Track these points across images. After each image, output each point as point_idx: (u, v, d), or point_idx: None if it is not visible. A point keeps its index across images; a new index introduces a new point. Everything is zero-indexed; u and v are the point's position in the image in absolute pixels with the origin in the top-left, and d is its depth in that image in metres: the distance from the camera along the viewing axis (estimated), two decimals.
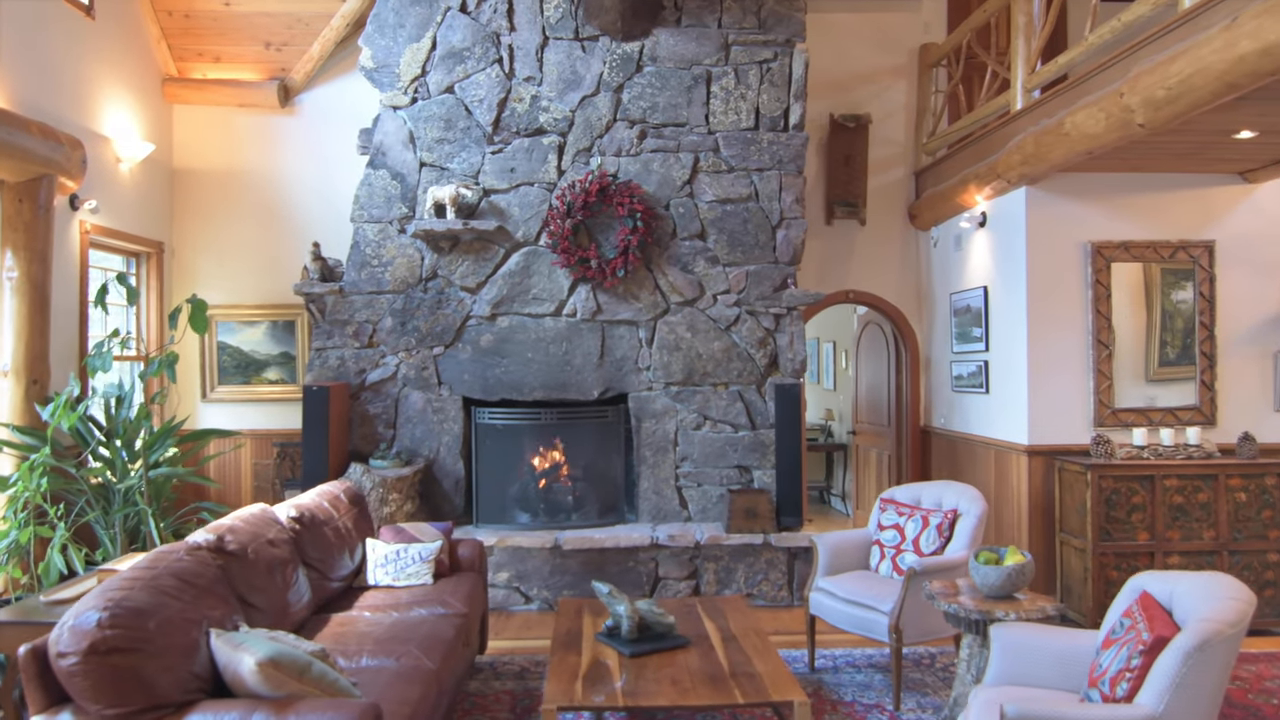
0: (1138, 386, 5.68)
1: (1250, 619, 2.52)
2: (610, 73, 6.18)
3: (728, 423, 6.22)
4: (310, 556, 4.03)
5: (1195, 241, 5.67)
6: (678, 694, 3.26)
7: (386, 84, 6.16)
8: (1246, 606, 2.52)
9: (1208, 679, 2.39)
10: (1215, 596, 2.59)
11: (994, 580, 3.61)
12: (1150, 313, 5.71)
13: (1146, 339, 5.71)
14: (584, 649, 3.76)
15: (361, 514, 4.67)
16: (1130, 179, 5.65)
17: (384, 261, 6.13)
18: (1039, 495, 5.62)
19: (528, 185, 6.16)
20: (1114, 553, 5.22)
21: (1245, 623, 2.47)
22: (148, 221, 6.51)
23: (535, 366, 6.15)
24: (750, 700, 3.21)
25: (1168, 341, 5.74)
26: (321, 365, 6.11)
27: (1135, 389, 5.67)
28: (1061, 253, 5.65)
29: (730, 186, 6.21)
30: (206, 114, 6.90)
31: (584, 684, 3.35)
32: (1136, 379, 5.68)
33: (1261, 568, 5.24)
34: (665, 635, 3.81)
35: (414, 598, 4.13)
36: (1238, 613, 2.47)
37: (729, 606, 4.38)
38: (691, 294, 6.20)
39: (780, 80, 6.25)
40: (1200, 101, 3.95)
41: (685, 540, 5.78)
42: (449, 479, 6.13)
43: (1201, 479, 5.24)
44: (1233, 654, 2.47)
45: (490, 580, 5.78)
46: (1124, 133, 4.47)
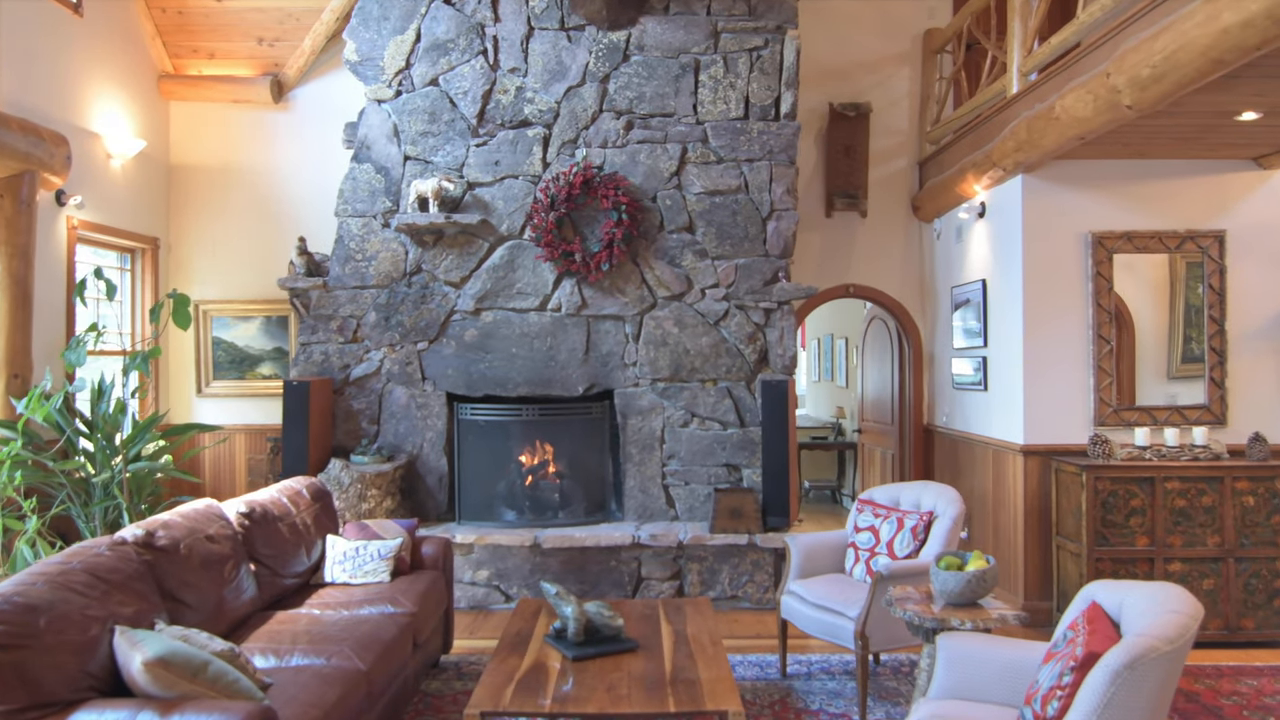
0: (1160, 384, 5.40)
1: (1194, 634, 2.32)
2: (596, 63, 6.06)
3: (716, 420, 6.07)
4: (260, 553, 3.98)
5: (1205, 231, 5.38)
6: (610, 701, 3.14)
7: (371, 77, 6.12)
8: (1189, 621, 2.32)
9: (1140, 699, 2.20)
10: (1158, 610, 2.40)
11: (953, 586, 3.43)
12: (1173, 307, 5.43)
13: (1169, 334, 5.44)
14: (529, 651, 3.65)
15: (324, 510, 4.62)
16: (1134, 166, 5.38)
17: (368, 256, 6.09)
18: (1035, 497, 5.38)
19: (512, 178, 6.07)
20: (1110, 558, 4.97)
21: (1186, 639, 2.27)
22: (142, 217, 6.55)
23: (519, 362, 6.06)
24: (683, 709, 3.07)
25: (1192, 337, 5.46)
26: (306, 360, 6.09)
27: (1158, 387, 5.39)
28: (1060, 244, 5.40)
29: (719, 178, 6.05)
30: (203, 110, 6.93)
31: (516, 688, 3.25)
32: (1158, 376, 5.41)
33: (1270, 576, 4.95)
34: (613, 638, 3.69)
35: (367, 596, 4.06)
36: (1178, 628, 2.27)
37: (691, 609, 4.25)
38: (679, 288, 6.06)
39: (771, 68, 6.07)
40: (1186, 80, 3.71)
41: (668, 540, 5.65)
42: (433, 475, 6.07)
43: (1206, 481, 4.96)
44: (1171, 673, 2.27)
45: (470, 579, 5.71)
46: (1112, 115, 4.23)
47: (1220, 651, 4.87)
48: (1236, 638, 4.93)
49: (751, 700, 4.21)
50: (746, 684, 4.41)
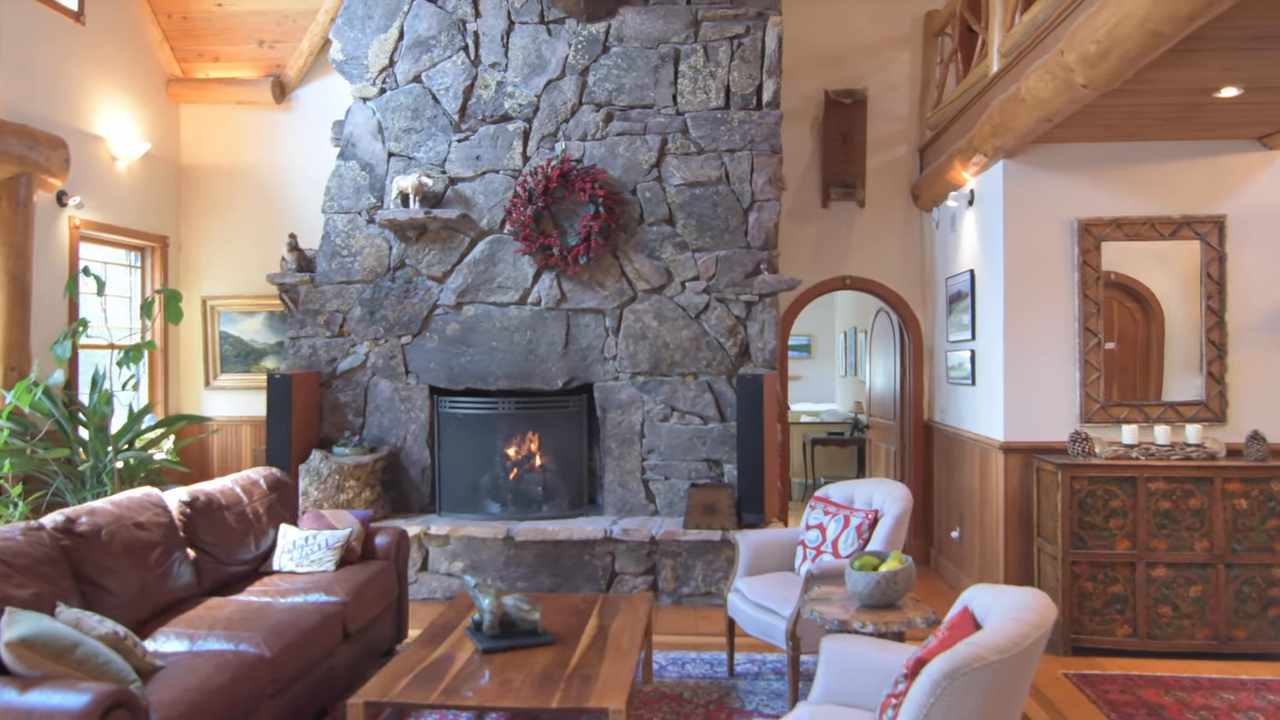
0: (1192, 378, 5.08)
1: (1034, 642, 2.17)
2: (576, 55, 6.04)
3: (696, 414, 5.99)
4: (202, 540, 4.10)
5: (1202, 217, 5.06)
6: (496, 695, 3.13)
7: (356, 75, 6.22)
8: (1028, 630, 2.17)
9: (964, 710, 2.08)
10: (1006, 616, 2.26)
11: (863, 588, 3.31)
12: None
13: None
14: (445, 643, 3.67)
15: (281, 500, 4.72)
16: (1124, 149, 5.10)
17: (353, 251, 6.20)
18: (1016, 497, 5.15)
19: (493, 172, 6.10)
20: (1088, 562, 4.72)
21: (1021, 648, 2.13)
22: (150, 216, 6.81)
23: (499, 356, 6.09)
24: (565, 705, 3.04)
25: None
26: (295, 354, 6.24)
27: (1187, 380, 5.08)
28: (1045, 232, 5.15)
29: (699, 169, 5.97)
30: (210, 112, 7.16)
31: (412, 679, 3.26)
32: (1189, 369, 5.08)
33: (1265, 584, 4.63)
34: (529, 632, 3.68)
35: (306, 584, 4.14)
36: (1010, 637, 2.13)
37: (627, 604, 4.21)
38: (659, 281, 6.00)
39: (752, 56, 5.95)
40: (1131, 54, 3.49)
41: (641, 535, 5.60)
42: (415, 467, 6.15)
43: (1193, 482, 4.67)
44: (1004, 683, 2.13)
45: (446, 570, 5.77)
46: (1071, 95, 4.01)
47: (1208, 663, 4.59)
48: (1226, 649, 4.63)
49: (689, 699, 4.15)
50: (689, 682, 4.35)
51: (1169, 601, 4.67)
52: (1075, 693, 4.22)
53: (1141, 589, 4.68)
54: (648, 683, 4.32)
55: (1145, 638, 4.67)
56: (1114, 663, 4.60)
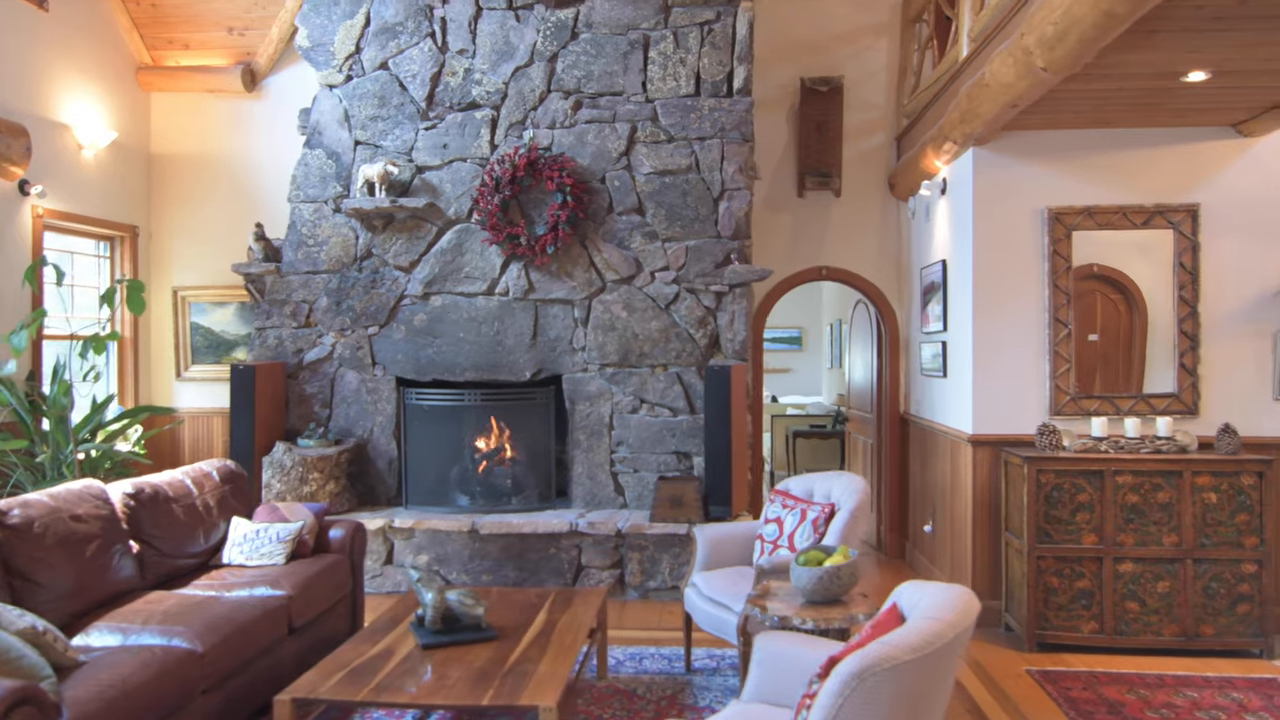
0: (1170, 370, 4.98)
1: (950, 641, 2.10)
2: (544, 42, 5.95)
3: (666, 406, 5.91)
4: (147, 533, 4.03)
5: (1175, 205, 4.96)
6: (427, 692, 3.07)
7: (322, 63, 6.14)
8: (945, 629, 2.09)
9: (873, 711, 2.00)
10: (924, 614, 2.19)
11: (806, 583, 3.23)
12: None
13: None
14: (387, 638, 3.61)
15: (234, 492, 4.66)
16: (1097, 136, 5.00)
17: (319, 241, 6.12)
18: (984, 490, 5.07)
19: (460, 161, 6.02)
20: (1054, 556, 4.64)
21: (935, 646, 2.05)
22: (119, 206, 6.74)
23: (467, 347, 6.01)
24: (495, 703, 2.98)
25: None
26: (261, 344, 6.17)
27: (1169, 372, 4.99)
28: (1015, 220, 5.06)
29: (669, 157, 5.88)
30: (181, 100, 7.08)
31: (346, 675, 3.20)
32: (1170, 362, 4.98)
33: (1234, 580, 4.55)
34: (472, 627, 3.61)
35: (253, 578, 4.07)
36: (926, 636, 2.06)
37: (580, 599, 4.14)
38: (628, 271, 5.91)
39: (723, 42, 5.85)
40: (1088, 36, 3.40)
41: (607, 528, 5.53)
42: (383, 459, 6.09)
43: (1162, 476, 4.58)
44: (917, 682, 2.06)
45: (411, 563, 5.70)
46: (1032, 79, 3.92)
47: (1175, 660, 4.51)
48: (1194, 645, 4.55)
49: (642, 695, 4.08)
50: (645, 678, 4.28)
51: (1136, 597, 4.59)
52: (1037, 690, 4.15)
53: (1108, 584, 4.60)
54: (602, 678, 4.26)
55: (1112, 634, 4.59)
56: (1079, 659, 4.53)
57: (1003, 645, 4.77)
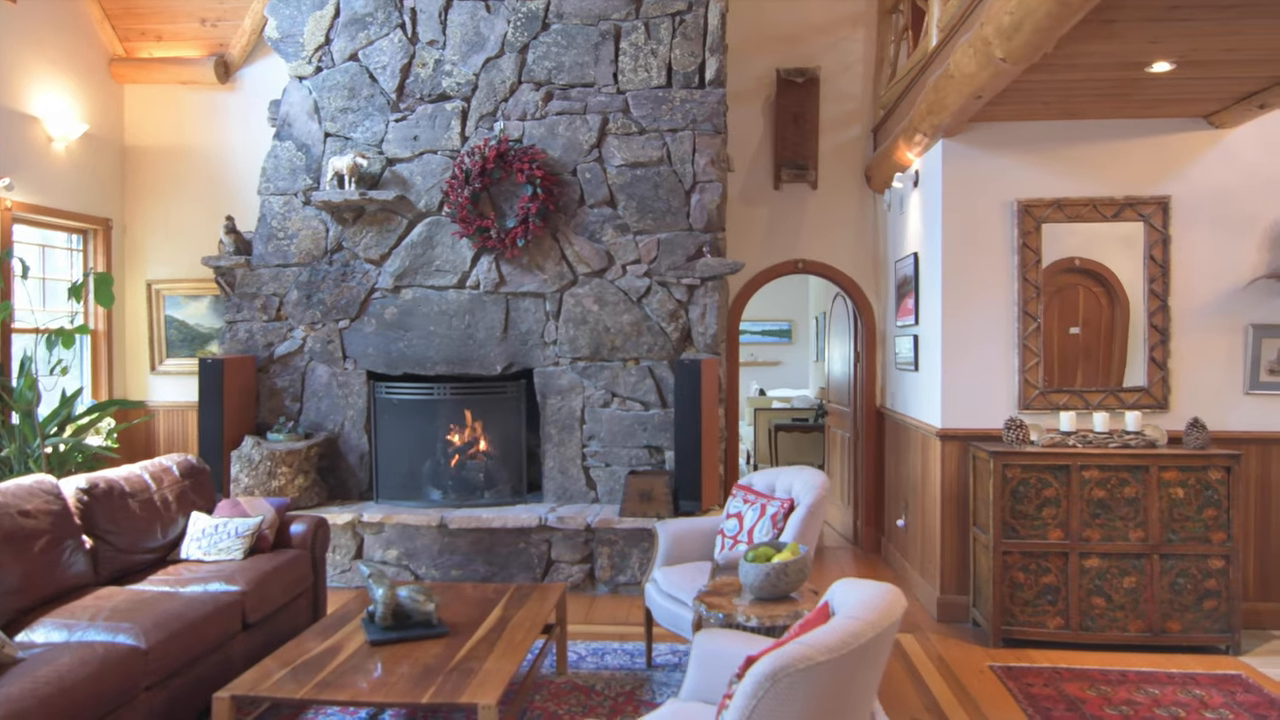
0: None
1: (870, 642, 2.06)
2: (515, 33, 5.90)
3: (637, 400, 5.88)
4: (102, 529, 4.01)
5: (1146, 198, 4.91)
6: (369, 690, 3.04)
7: (292, 54, 6.09)
8: (865, 629, 2.06)
9: (788, 713, 1.97)
10: (846, 614, 2.15)
11: (753, 579, 3.20)
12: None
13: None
14: (338, 633, 3.59)
15: (195, 487, 4.63)
16: (1067, 127, 4.95)
17: (289, 234, 6.08)
18: (952, 485, 5.04)
19: (431, 153, 5.97)
20: (1020, 552, 4.61)
21: (852, 647, 2.02)
22: (91, 198, 6.70)
23: (438, 340, 5.98)
24: (435, 700, 2.95)
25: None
26: (232, 338, 6.14)
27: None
28: (984, 213, 5.01)
29: (640, 149, 5.83)
30: (154, 92, 7.03)
31: (291, 672, 3.18)
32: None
33: (1201, 575, 4.51)
34: (422, 623, 3.59)
35: (209, 573, 4.05)
36: (844, 636, 2.02)
37: (538, 594, 4.11)
38: (599, 264, 5.87)
39: (694, 33, 5.80)
40: (1043, 25, 3.35)
41: (577, 523, 5.50)
42: (354, 453, 6.06)
43: (1129, 471, 4.55)
44: (836, 683, 2.02)
45: (380, 557, 5.68)
46: (994, 70, 3.87)
47: (1141, 656, 4.48)
48: (1160, 641, 4.52)
49: (600, 690, 4.06)
50: (605, 674, 4.26)
51: (1102, 593, 4.55)
52: (998, 685, 4.12)
53: (1074, 580, 4.56)
54: (562, 674, 4.24)
55: (1077, 629, 4.56)
56: (1044, 655, 4.50)
57: (969, 641, 4.74)
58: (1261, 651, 4.56)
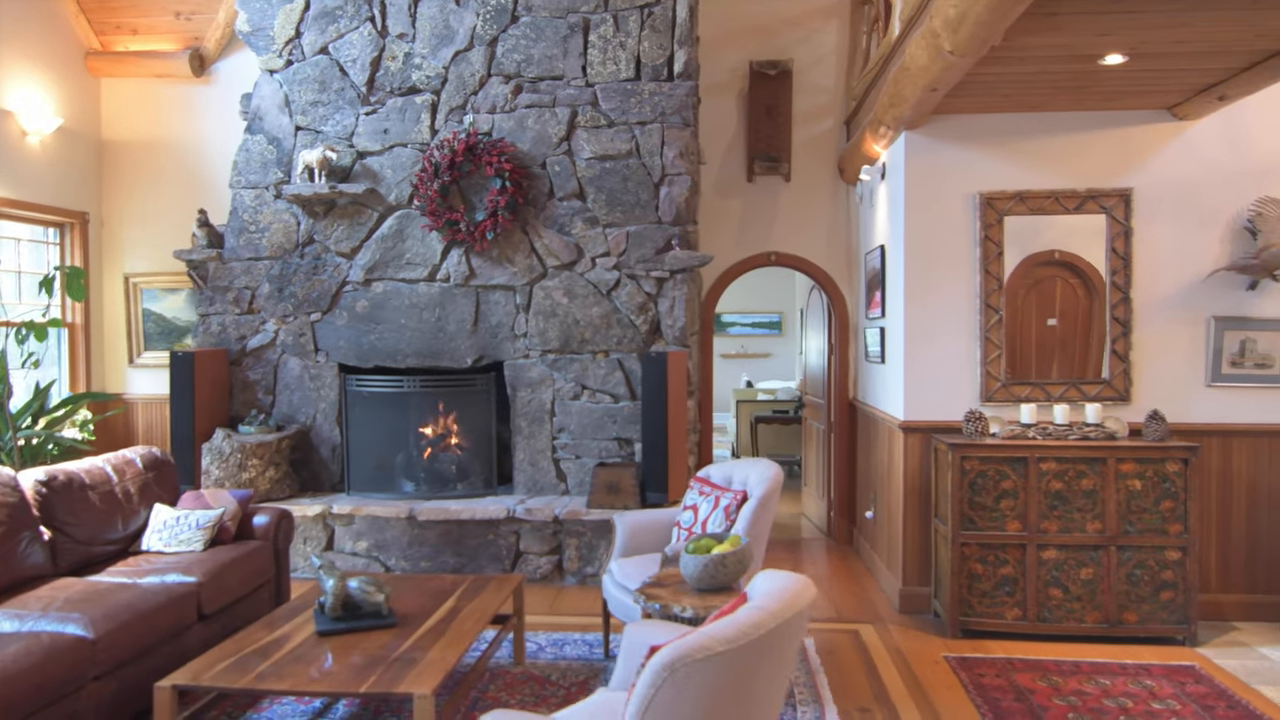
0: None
1: (770, 633, 2.08)
2: (484, 25, 5.90)
3: (607, 393, 5.90)
4: (60, 520, 4.04)
5: (1108, 190, 4.91)
6: (308, 680, 3.07)
7: (262, 47, 6.11)
8: (766, 619, 2.08)
9: (685, 703, 2.00)
10: (752, 604, 2.18)
11: (692, 571, 3.23)
12: None
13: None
14: (288, 624, 3.62)
15: (159, 479, 4.66)
16: (1029, 120, 4.95)
17: (261, 227, 6.11)
18: (915, 477, 5.06)
19: (401, 146, 5.99)
20: (978, 543, 4.63)
21: (752, 638, 2.04)
22: (67, 192, 6.72)
23: (408, 333, 6.00)
24: (372, 690, 2.98)
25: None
26: (205, 331, 6.17)
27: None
28: (947, 206, 5.01)
29: (610, 142, 5.84)
30: (131, 86, 7.05)
31: (234, 662, 3.21)
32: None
33: (1158, 566, 4.53)
34: (371, 614, 3.61)
35: (168, 564, 4.09)
36: (743, 627, 2.05)
37: (494, 586, 4.15)
38: (569, 257, 5.89)
39: (663, 25, 5.80)
40: (983, 17, 3.35)
41: (545, 514, 5.54)
42: (326, 446, 6.10)
43: (1086, 463, 4.56)
44: (735, 674, 2.05)
45: (351, 549, 5.72)
46: (944, 63, 3.87)
47: (1097, 646, 4.50)
48: (1117, 632, 4.54)
49: (555, 681, 4.09)
50: (562, 664, 4.29)
51: (1060, 584, 4.58)
52: (950, 676, 4.14)
53: (1032, 571, 4.58)
54: (519, 664, 4.27)
55: (1035, 620, 4.59)
56: (1000, 645, 4.52)
57: (929, 632, 4.77)
58: (1219, 643, 4.58)
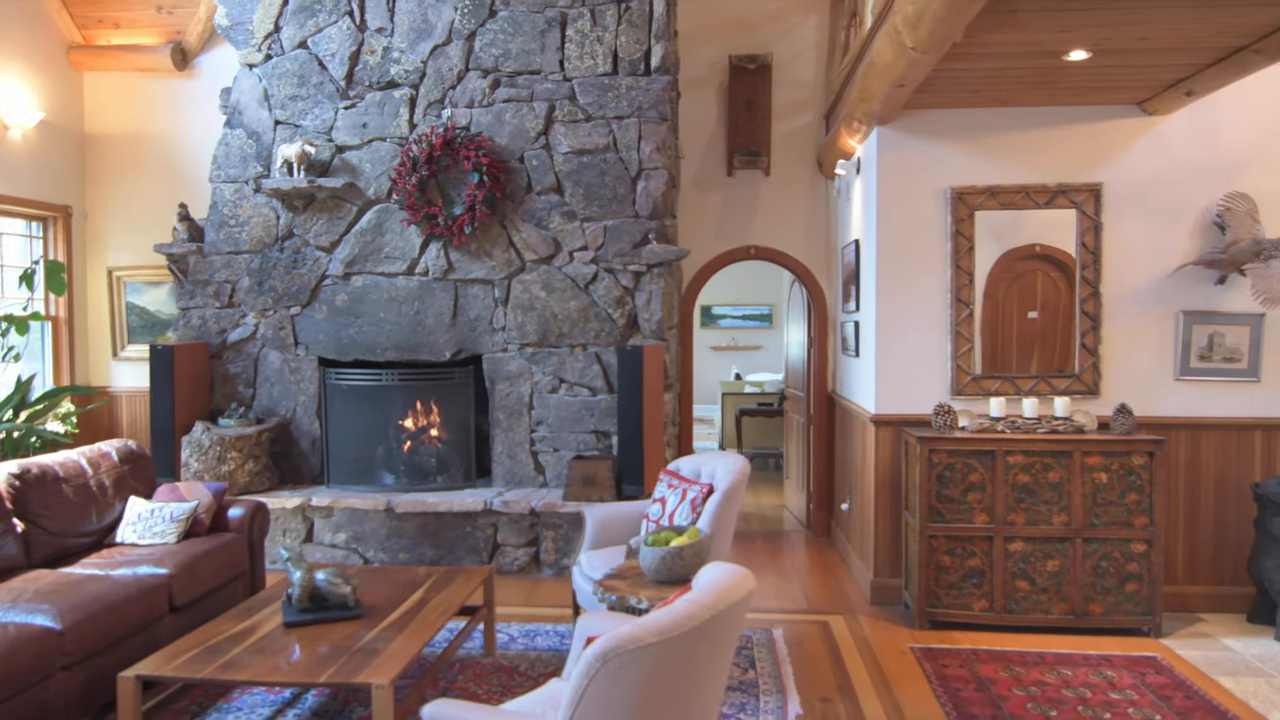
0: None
1: (704, 624, 2.13)
2: (462, 19, 5.92)
3: (585, 386, 5.94)
4: (34, 513, 4.09)
5: (1078, 185, 4.94)
6: (268, 670, 3.12)
7: (242, 42, 6.13)
8: (700, 611, 2.13)
9: (619, 693, 2.04)
10: (688, 596, 2.22)
11: (650, 563, 3.27)
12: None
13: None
14: (256, 615, 3.67)
15: (135, 472, 4.71)
16: (1000, 115, 4.97)
17: (240, 221, 6.14)
18: (886, 470, 5.10)
19: (380, 140, 6.01)
20: (946, 535, 4.67)
21: (685, 629, 2.08)
22: (50, 186, 6.75)
23: (387, 327, 6.04)
24: (331, 680, 3.03)
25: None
26: (185, 325, 6.21)
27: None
28: (918, 200, 5.04)
29: (587, 136, 5.86)
30: (114, 80, 7.07)
31: (200, 652, 3.26)
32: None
33: (1124, 559, 4.58)
34: (338, 605, 3.66)
35: (140, 556, 4.13)
36: (677, 618, 2.09)
37: (464, 577, 4.19)
38: (547, 251, 5.92)
39: (640, 20, 5.82)
40: (940, 14, 3.38)
41: (522, 507, 5.58)
42: (305, 439, 6.14)
43: (1052, 456, 4.60)
44: (670, 664, 2.09)
45: (330, 541, 5.77)
46: (907, 60, 3.90)
47: (1062, 638, 4.55)
48: (1082, 623, 4.59)
49: (524, 671, 4.14)
50: (532, 655, 4.34)
51: (1026, 576, 4.62)
52: (914, 667, 4.20)
53: (999, 563, 4.63)
54: (489, 655, 4.32)
55: (1001, 612, 4.64)
56: (967, 637, 4.57)
57: (898, 623, 4.82)
58: (1184, 634, 4.63)
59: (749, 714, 3.67)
